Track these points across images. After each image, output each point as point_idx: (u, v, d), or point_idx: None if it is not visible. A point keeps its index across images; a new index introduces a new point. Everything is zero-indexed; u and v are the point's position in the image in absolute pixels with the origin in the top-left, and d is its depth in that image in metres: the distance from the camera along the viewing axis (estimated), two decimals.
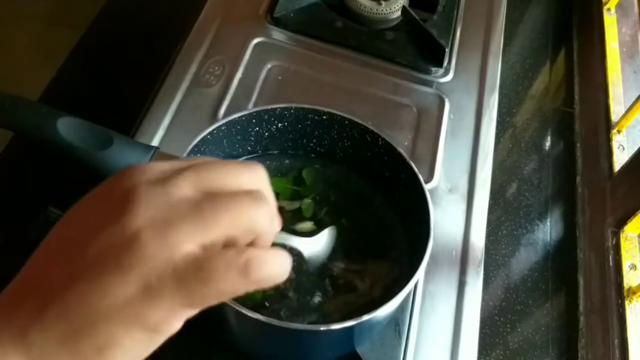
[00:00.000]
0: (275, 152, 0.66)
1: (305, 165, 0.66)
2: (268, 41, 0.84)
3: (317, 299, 0.58)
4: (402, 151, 0.60)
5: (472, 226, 0.71)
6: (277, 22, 0.86)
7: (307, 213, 0.63)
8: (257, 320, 0.48)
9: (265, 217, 0.31)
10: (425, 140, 0.77)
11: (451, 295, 0.66)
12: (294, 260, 0.33)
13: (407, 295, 0.63)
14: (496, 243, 0.78)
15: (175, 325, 0.29)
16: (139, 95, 0.75)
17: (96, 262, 0.28)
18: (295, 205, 0.63)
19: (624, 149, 0.84)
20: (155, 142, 0.71)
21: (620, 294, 0.70)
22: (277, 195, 0.61)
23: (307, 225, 0.62)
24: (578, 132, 0.93)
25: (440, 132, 0.78)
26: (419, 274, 0.52)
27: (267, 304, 0.57)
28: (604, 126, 0.88)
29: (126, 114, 0.72)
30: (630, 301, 0.70)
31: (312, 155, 0.66)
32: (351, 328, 0.50)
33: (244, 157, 0.65)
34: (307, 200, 0.63)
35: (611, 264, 0.73)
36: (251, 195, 0.31)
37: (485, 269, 0.69)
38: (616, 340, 0.67)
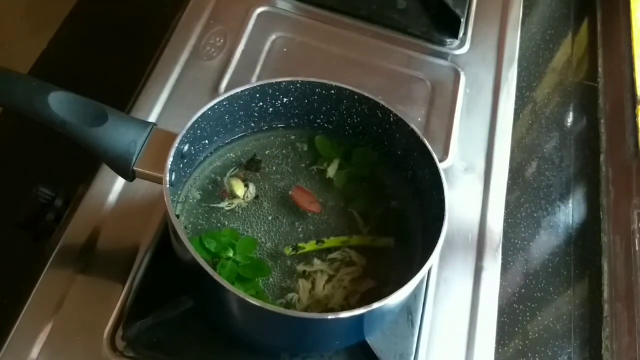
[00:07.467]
0: (281, 127, 0.65)
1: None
2: (273, 10, 0.82)
3: (322, 284, 0.56)
4: (415, 128, 0.59)
5: (489, 208, 0.71)
6: None
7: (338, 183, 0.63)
8: (262, 309, 0.47)
9: None
10: (439, 116, 0.76)
11: (467, 281, 0.65)
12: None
13: (421, 282, 0.63)
14: (515, 226, 0.76)
15: None
16: (135, 69, 0.74)
17: None
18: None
19: None
20: (152, 118, 0.69)
21: None
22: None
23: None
24: (602, 107, 0.91)
25: (455, 107, 0.78)
26: (433, 259, 0.51)
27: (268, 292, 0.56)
28: (629, 101, 0.86)
29: (122, 88, 0.71)
30: None
31: (320, 132, 0.65)
32: (361, 317, 0.49)
33: (247, 134, 0.64)
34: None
35: (637, 248, 0.72)
36: None
37: (503, 254, 0.68)
38: None
